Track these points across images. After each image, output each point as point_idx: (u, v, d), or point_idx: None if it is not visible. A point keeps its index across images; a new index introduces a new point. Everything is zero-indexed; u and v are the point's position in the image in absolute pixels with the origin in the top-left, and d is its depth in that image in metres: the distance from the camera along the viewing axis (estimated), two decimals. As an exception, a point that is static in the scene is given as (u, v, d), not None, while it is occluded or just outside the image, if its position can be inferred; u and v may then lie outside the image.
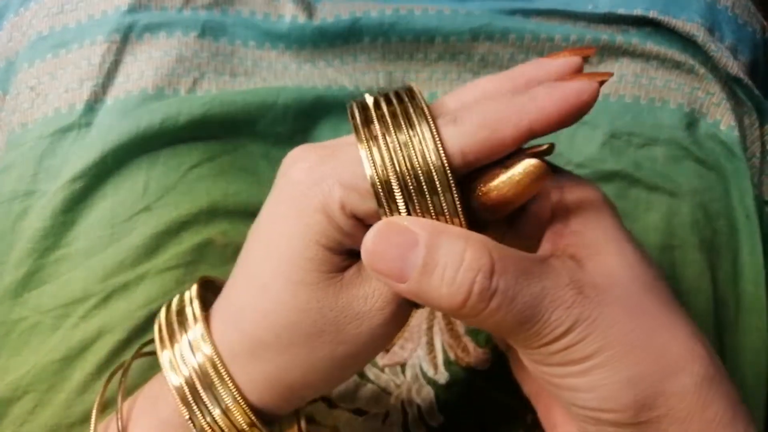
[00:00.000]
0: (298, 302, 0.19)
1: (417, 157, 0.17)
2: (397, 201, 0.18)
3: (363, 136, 0.18)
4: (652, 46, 0.36)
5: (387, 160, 0.18)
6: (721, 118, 0.36)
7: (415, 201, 0.18)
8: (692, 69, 0.36)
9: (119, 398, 0.22)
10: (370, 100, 0.19)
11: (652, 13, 0.37)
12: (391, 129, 0.18)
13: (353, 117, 0.19)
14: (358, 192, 0.18)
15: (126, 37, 0.36)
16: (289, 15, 0.38)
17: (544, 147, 0.19)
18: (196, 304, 0.22)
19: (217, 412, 0.20)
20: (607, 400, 0.18)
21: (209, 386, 0.20)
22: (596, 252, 0.19)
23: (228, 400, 0.20)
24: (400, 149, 0.18)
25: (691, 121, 0.36)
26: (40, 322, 0.30)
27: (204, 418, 0.20)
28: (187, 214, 0.32)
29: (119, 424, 0.22)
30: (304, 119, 0.35)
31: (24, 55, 0.37)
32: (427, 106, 0.18)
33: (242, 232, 0.32)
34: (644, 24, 0.38)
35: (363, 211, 0.18)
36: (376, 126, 0.18)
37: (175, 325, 0.22)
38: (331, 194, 0.18)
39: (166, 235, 0.31)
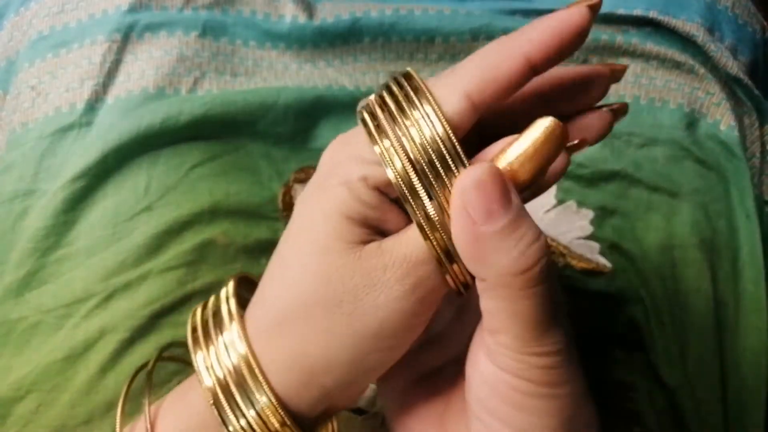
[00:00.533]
0: (318, 269, 0.19)
1: (425, 138, 0.18)
2: (420, 193, 0.18)
3: (376, 139, 0.18)
4: (651, 46, 0.37)
5: (402, 156, 0.18)
6: (721, 118, 0.36)
7: (435, 187, 0.18)
8: (692, 69, 0.36)
9: (146, 401, 0.22)
10: (373, 99, 0.19)
11: (652, 14, 0.37)
12: (399, 121, 0.18)
13: (365, 124, 0.19)
14: (378, 164, 0.19)
15: (127, 37, 0.36)
16: (290, 15, 0.38)
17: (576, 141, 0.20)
18: (232, 302, 0.22)
19: (250, 414, 0.20)
20: (549, 430, 0.18)
21: (242, 386, 0.20)
22: None
23: (261, 400, 0.20)
24: (410, 137, 0.18)
25: (691, 121, 0.36)
26: (42, 322, 0.30)
27: (237, 420, 0.20)
28: (189, 213, 0.32)
29: (147, 425, 0.22)
30: (305, 119, 0.35)
31: (25, 54, 0.37)
32: (425, 84, 0.18)
33: (243, 232, 0.33)
34: (644, 24, 0.38)
35: (385, 181, 0.19)
36: (385, 125, 0.18)
37: (211, 326, 0.21)
38: (352, 169, 0.19)
39: (168, 234, 0.31)
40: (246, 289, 0.24)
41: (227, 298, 0.22)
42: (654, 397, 0.32)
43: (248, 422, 0.20)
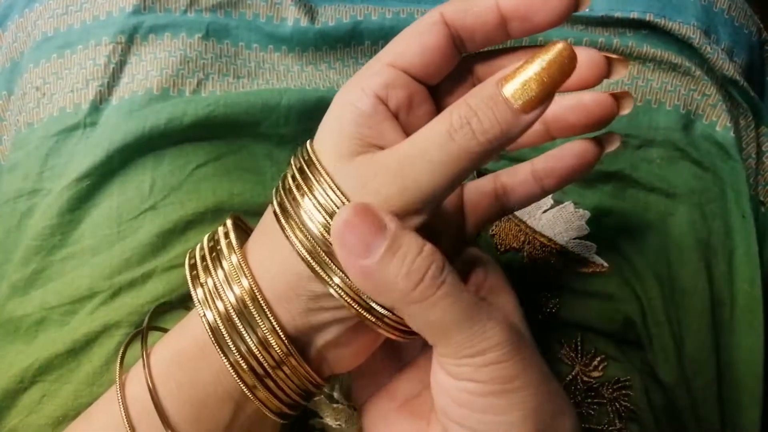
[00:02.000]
0: None
1: (324, 213, 0.19)
2: (333, 267, 0.19)
3: (286, 228, 0.20)
4: (648, 48, 0.37)
5: (309, 237, 0.20)
6: (717, 119, 0.36)
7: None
8: (688, 71, 0.37)
9: (142, 351, 0.23)
10: (279, 187, 0.22)
11: (649, 16, 0.37)
12: (301, 203, 0.20)
13: (276, 216, 0.21)
14: (375, 74, 0.21)
15: (131, 38, 0.36)
16: (292, 18, 0.38)
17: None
18: (232, 236, 0.22)
19: (252, 342, 0.21)
20: (514, 426, 0.19)
21: (244, 317, 0.21)
22: (497, 292, 0.22)
23: (264, 328, 0.21)
24: (311, 216, 0.20)
25: (687, 123, 0.37)
26: (46, 318, 0.30)
27: (238, 348, 0.21)
28: (193, 213, 0.32)
29: (144, 354, 0.22)
30: (307, 120, 0.35)
31: (29, 55, 0.37)
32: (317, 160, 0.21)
33: (246, 231, 0.33)
34: (641, 27, 0.38)
35: (380, 84, 0.20)
36: (291, 210, 0.20)
37: (209, 261, 0.22)
38: (352, 87, 0.21)
39: (172, 233, 0.32)
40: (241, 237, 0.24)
41: (225, 234, 0.23)
42: (651, 394, 0.33)
43: (249, 349, 0.21)
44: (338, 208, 0.19)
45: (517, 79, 0.18)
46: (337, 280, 0.20)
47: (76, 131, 0.34)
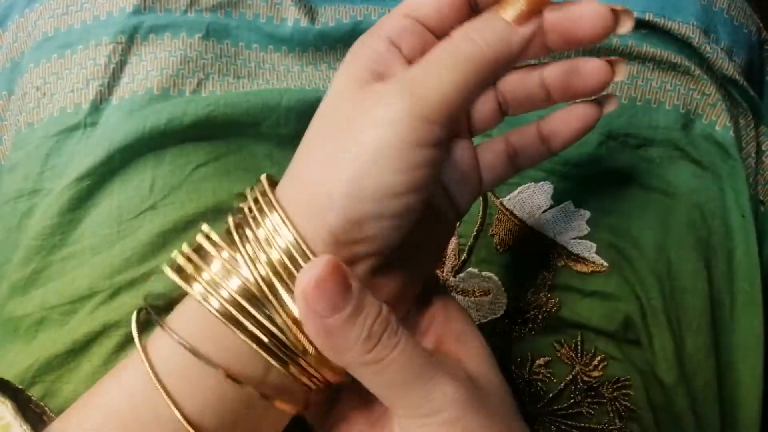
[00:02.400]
0: (324, 109, 0.22)
1: (278, 246, 0.20)
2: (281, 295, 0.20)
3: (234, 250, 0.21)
4: (648, 48, 0.37)
5: (264, 264, 0.20)
6: (717, 118, 0.36)
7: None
8: (688, 70, 0.37)
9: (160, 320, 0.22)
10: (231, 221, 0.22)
11: (648, 16, 0.37)
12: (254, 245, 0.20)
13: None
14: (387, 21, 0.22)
15: (131, 38, 0.36)
16: (292, 18, 0.38)
17: None
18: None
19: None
20: None
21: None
22: (459, 338, 0.22)
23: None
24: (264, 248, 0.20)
25: (687, 122, 0.36)
26: (46, 318, 0.31)
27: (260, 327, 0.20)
28: (193, 213, 0.32)
29: (169, 330, 0.22)
30: (307, 120, 0.35)
31: (30, 55, 0.37)
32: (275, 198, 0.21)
33: (246, 231, 0.33)
34: (640, 26, 0.38)
35: (395, 29, 0.21)
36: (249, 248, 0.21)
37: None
38: (369, 32, 0.22)
39: (173, 233, 0.32)
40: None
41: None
42: (651, 394, 0.33)
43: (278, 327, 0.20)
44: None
45: (507, 3, 0.20)
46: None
47: (76, 131, 0.34)
